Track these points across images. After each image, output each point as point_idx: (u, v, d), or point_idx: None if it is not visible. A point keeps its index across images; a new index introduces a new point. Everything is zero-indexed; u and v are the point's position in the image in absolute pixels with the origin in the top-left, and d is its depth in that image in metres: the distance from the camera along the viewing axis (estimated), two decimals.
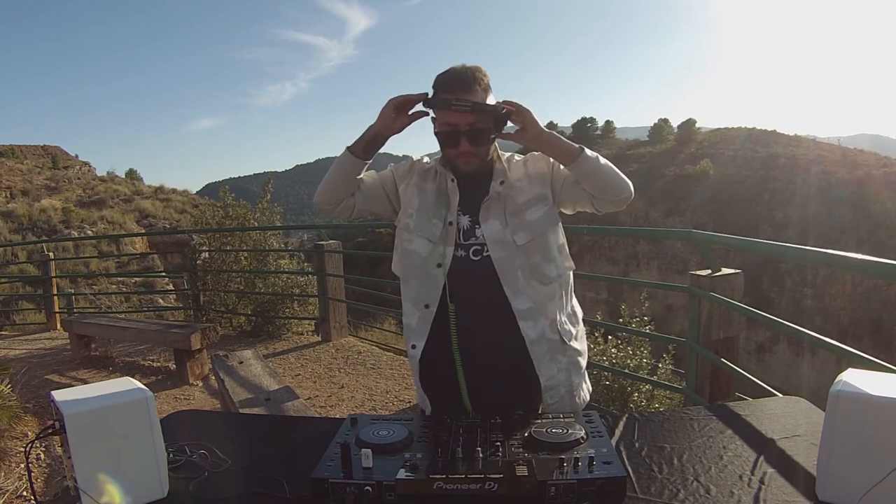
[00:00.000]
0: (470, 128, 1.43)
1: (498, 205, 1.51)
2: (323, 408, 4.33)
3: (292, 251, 8.65)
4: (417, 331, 1.55)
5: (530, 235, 1.50)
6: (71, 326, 5.86)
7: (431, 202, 1.55)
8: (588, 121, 54.22)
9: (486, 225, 1.51)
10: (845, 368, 1.18)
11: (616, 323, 4.95)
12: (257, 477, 1.24)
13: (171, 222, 20.60)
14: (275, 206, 8.79)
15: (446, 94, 1.42)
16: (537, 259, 1.51)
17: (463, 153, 1.46)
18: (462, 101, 1.39)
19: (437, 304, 1.52)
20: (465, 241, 1.52)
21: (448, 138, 1.46)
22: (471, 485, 1.07)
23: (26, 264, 13.42)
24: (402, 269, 1.58)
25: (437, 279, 1.50)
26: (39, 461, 3.31)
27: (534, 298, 1.49)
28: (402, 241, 1.58)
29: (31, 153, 32.46)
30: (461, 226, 1.53)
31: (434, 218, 1.53)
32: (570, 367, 1.56)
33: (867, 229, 30.16)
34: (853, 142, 51.49)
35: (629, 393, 4.49)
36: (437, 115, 1.47)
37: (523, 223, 1.50)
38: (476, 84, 1.42)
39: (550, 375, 1.52)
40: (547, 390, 1.52)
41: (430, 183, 1.58)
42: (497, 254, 1.49)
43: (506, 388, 1.52)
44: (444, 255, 1.50)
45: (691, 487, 1.15)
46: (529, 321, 1.49)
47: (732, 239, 3.06)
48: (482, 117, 1.42)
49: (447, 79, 1.44)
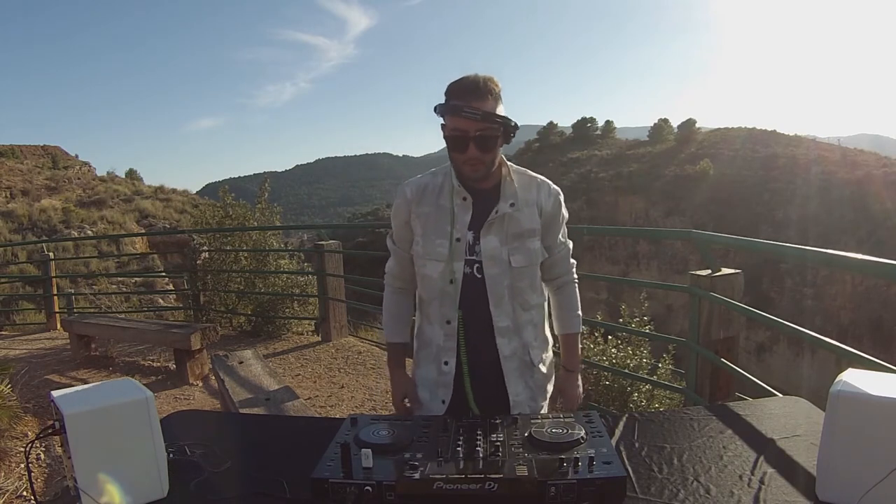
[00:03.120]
0: (479, 134, 1.45)
1: (501, 224, 1.56)
2: (323, 408, 4.33)
3: (292, 251, 8.65)
4: (446, 347, 1.60)
5: (526, 262, 1.58)
6: (71, 326, 5.86)
7: (433, 224, 1.58)
8: (588, 121, 54.18)
9: (485, 240, 1.56)
10: (845, 368, 1.18)
11: (616, 323, 4.95)
12: (257, 477, 1.24)
13: (171, 222, 20.59)
14: (274, 206, 8.78)
15: (458, 100, 1.45)
16: (524, 284, 1.59)
17: (470, 159, 1.48)
18: (473, 108, 1.42)
19: (456, 318, 1.58)
20: (470, 256, 1.57)
21: (457, 143, 1.48)
22: (471, 485, 1.07)
23: (26, 264, 13.41)
24: (425, 293, 1.64)
25: (452, 295, 1.57)
26: (39, 461, 3.31)
27: (513, 319, 1.59)
28: (418, 266, 1.64)
29: (31, 153, 32.43)
30: (467, 240, 1.57)
31: (438, 238, 1.57)
32: (535, 388, 1.65)
33: (867, 229, 30.16)
34: (853, 142, 51.48)
35: (629, 393, 4.48)
36: (448, 120, 1.49)
37: (523, 248, 1.57)
38: (488, 93, 1.45)
39: (517, 392, 1.61)
40: (514, 406, 1.60)
41: (440, 200, 1.59)
42: (490, 270, 1.55)
43: (485, 398, 1.61)
44: (454, 270, 1.56)
45: (691, 487, 1.15)
46: (504, 338, 1.58)
47: (732, 239, 3.06)
48: (491, 125, 1.46)
49: (460, 87, 1.47)
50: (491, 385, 1.59)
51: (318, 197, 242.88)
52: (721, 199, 35.94)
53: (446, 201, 1.57)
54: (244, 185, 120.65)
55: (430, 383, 1.64)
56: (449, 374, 1.59)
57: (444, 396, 1.61)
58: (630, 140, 53.10)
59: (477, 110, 1.42)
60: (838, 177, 34.06)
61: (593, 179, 43.18)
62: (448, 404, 1.61)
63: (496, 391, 1.60)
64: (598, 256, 38.14)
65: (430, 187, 1.61)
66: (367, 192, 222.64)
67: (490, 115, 1.44)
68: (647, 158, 44.09)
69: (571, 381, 1.75)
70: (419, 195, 1.61)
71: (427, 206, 1.59)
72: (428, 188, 1.61)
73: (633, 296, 7.39)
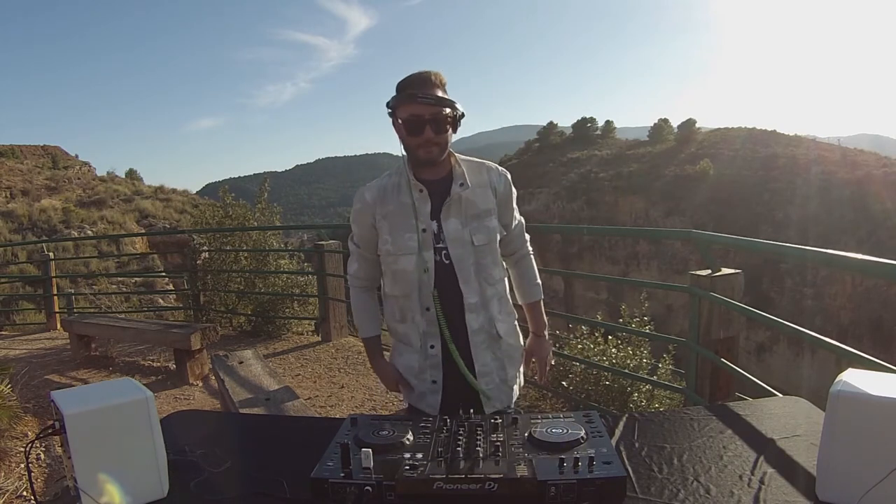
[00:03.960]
0: (433, 117, 1.56)
1: (458, 206, 1.66)
2: (323, 408, 4.33)
3: (292, 251, 8.66)
4: (430, 332, 1.68)
5: (486, 239, 1.68)
6: (71, 326, 5.86)
7: (399, 220, 1.66)
8: (588, 121, 54.15)
9: (447, 223, 1.66)
10: (845, 368, 1.18)
11: (616, 323, 4.94)
12: (257, 477, 1.24)
13: (171, 222, 20.59)
14: (274, 206, 8.79)
15: (413, 90, 1.57)
16: (488, 261, 1.69)
17: (426, 140, 1.58)
18: (427, 94, 1.56)
19: (433, 304, 1.65)
20: (437, 244, 1.66)
21: (414, 127, 1.58)
22: (471, 485, 1.07)
23: (26, 264, 13.41)
24: (399, 289, 1.69)
25: (428, 283, 1.65)
26: (39, 461, 3.31)
27: (480, 294, 1.68)
28: (388, 264, 1.70)
29: (31, 153, 32.42)
30: (433, 230, 1.66)
31: (406, 232, 1.65)
32: (503, 358, 1.75)
33: (867, 229, 30.15)
34: (853, 142, 51.44)
35: (629, 393, 4.48)
36: (402, 110, 1.59)
37: (482, 227, 1.68)
38: (438, 84, 1.59)
39: (484, 363, 1.70)
40: (481, 375, 1.69)
41: (401, 197, 1.67)
42: (455, 251, 1.65)
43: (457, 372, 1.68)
44: (425, 260, 1.64)
45: (691, 487, 1.15)
46: (473, 314, 1.67)
47: (732, 239, 3.06)
48: (443, 109, 1.58)
49: (411, 80, 1.59)
50: (467, 358, 1.67)
51: (318, 197, 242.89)
52: (721, 199, 35.93)
53: (406, 197, 1.66)
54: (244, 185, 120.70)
55: (415, 370, 1.72)
56: (436, 356, 1.68)
57: (435, 377, 1.69)
58: (630, 140, 53.08)
59: (431, 95, 1.55)
60: (838, 177, 34.04)
61: (593, 179, 43.17)
62: (440, 384, 1.69)
63: (467, 364, 1.67)
64: (598, 256, 38.14)
65: (388, 187, 1.70)
66: None
67: (442, 99, 1.57)
68: (647, 158, 44.07)
69: (541, 344, 1.89)
70: (380, 196, 1.70)
71: (390, 205, 1.68)
72: (387, 188, 1.70)
73: (633, 296, 7.38)
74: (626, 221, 38.69)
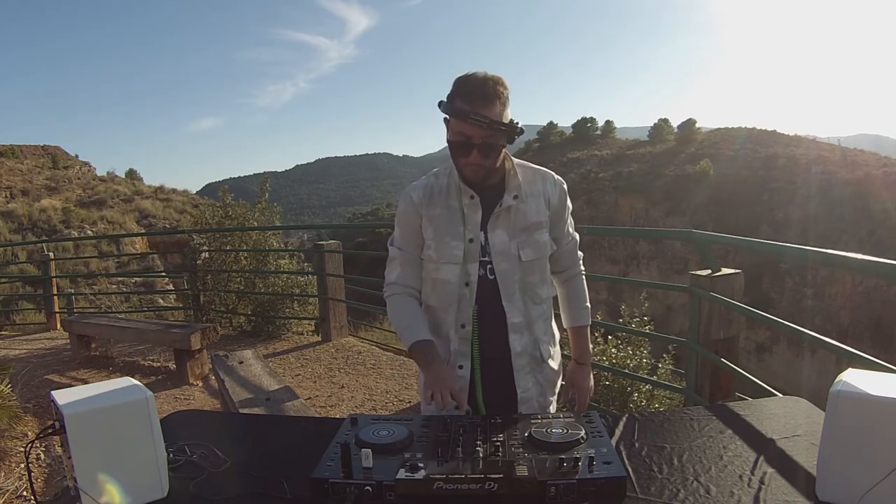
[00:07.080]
0: (483, 141, 1.43)
1: (507, 217, 1.54)
2: (323, 408, 4.33)
3: (292, 251, 8.65)
4: (462, 351, 1.57)
5: (535, 255, 1.55)
6: (71, 326, 5.86)
7: (445, 226, 1.54)
8: (588, 121, 54.18)
9: (493, 235, 1.53)
10: (845, 368, 1.18)
11: (616, 323, 4.94)
12: (257, 477, 1.24)
13: (171, 222, 20.60)
14: (274, 205, 8.78)
15: (465, 104, 1.41)
16: (535, 278, 1.57)
17: (472, 164, 1.46)
18: (479, 116, 1.39)
19: (471, 322, 1.55)
20: (483, 257, 1.54)
21: (460, 148, 1.46)
22: (471, 485, 1.07)
23: (26, 264, 13.42)
24: (437, 299, 1.58)
25: (469, 298, 1.54)
26: (39, 461, 3.31)
27: (525, 314, 1.56)
28: (430, 271, 1.59)
29: (31, 153, 32.41)
30: (480, 241, 1.54)
31: (452, 240, 1.53)
32: (544, 384, 1.63)
33: (867, 229, 30.15)
34: (853, 142, 51.44)
35: (629, 393, 4.48)
36: (453, 123, 1.46)
37: (531, 241, 1.55)
38: (496, 98, 1.42)
39: (526, 388, 1.58)
40: (522, 402, 1.58)
41: (450, 201, 1.56)
42: (500, 266, 1.53)
43: (493, 394, 1.58)
44: (469, 273, 1.53)
45: (691, 487, 1.15)
46: (517, 335, 1.55)
47: (732, 239, 3.06)
48: (496, 133, 1.43)
49: (468, 89, 1.42)
50: (500, 383, 1.57)
51: (318, 197, 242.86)
52: (721, 199, 35.93)
53: (455, 201, 1.54)
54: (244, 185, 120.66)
55: None
56: (465, 378, 1.55)
57: None
58: (630, 140, 53.11)
59: (484, 118, 1.39)
60: (838, 177, 34.04)
61: (593, 179, 43.19)
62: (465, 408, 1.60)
63: (505, 388, 1.57)
64: (598, 256, 38.12)
65: (436, 189, 1.57)
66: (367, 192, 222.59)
67: (496, 122, 1.41)
68: (647, 158, 44.09)
69: (583, 374, 1.73)
70: (427, 198, 1.57)
71: (438, 208, 1.56)
72: (434, 190, 1.57)
73: (633, 296, 7.38)
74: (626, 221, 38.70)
